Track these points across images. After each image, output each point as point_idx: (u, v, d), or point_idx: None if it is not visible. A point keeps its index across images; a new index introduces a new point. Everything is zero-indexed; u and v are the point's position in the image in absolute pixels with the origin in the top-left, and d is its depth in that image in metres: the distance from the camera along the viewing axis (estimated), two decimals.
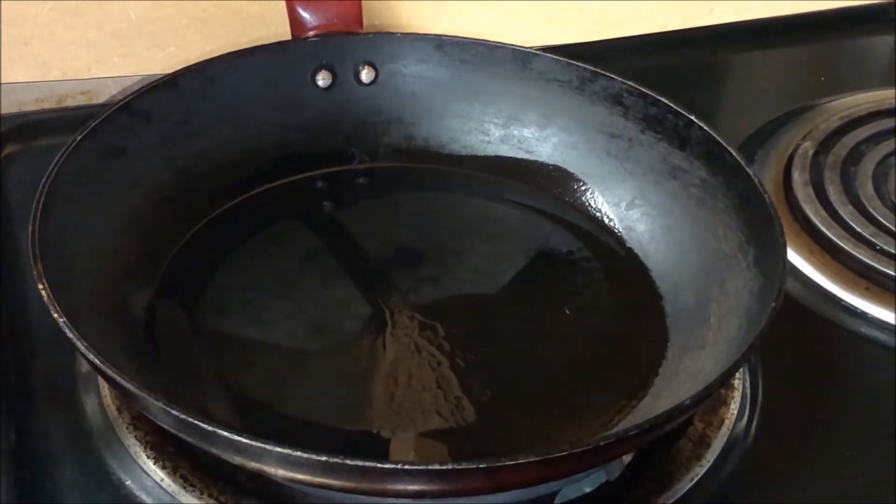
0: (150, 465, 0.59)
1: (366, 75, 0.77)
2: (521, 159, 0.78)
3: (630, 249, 0.73)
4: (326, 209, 0.77)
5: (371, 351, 0.65)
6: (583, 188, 0.76)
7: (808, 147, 0.84)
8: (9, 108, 0.82)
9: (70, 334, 0.54)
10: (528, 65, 0.77)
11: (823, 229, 0.77)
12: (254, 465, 0.53)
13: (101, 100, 0.84)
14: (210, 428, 0.50)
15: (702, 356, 0.63)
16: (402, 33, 0.79)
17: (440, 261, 0.72)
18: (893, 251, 0.75)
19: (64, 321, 0.54)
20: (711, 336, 0.63)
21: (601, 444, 0.53)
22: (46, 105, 0.84)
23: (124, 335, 0.62)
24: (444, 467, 0.51)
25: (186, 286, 0.68)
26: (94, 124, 0.66)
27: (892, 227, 0.77)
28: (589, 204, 0.75)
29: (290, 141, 0.76)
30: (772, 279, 0.61)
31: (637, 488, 0.60)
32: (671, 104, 0.72)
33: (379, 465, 0.50)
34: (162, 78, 0.71)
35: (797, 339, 0.71)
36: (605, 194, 0.75)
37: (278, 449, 0.49)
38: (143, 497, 0.58)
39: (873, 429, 0.66)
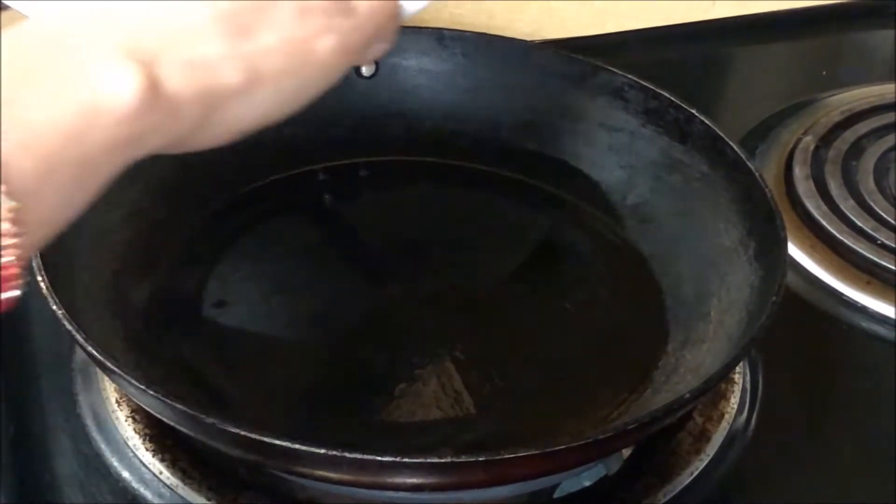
0: (149, 458, 0.59)
1: (366, 68, 0.77)
2: (522, 152, 0.78)
3: (631, 243, 0.73)
4: (327, 202, 0.76)
5: (371, 344, 0.65)
6: (583, 182, 0.76)
7: (809, 141, 0.84)
8: None
9: (69, 326, 0.54)
10: (529, 58, 0.77)
11: (824, 223, 0.77)
12: (253, 458, 0.53)
13: None
14: (209, 420, 0.50)
15: (702, 350, 0.63)
16: (402, 26, 0.78)
17: (440, 254, 0.72)
18: (894, 245, 0.75)
19: (63, 313, 0.54)
20: (712, 330, 0.63)
21: (600, 437, 0.53)
22: None
23: (123, 327, 0.61)
24: (443, 460, 0.51)
25: (186, 278, 0.68)
26: None
27: (893, 222, 0.77)
28: (590, 198, 0.75)
29: (290, 134, 0.75)
30: (772, 273, 0.61)
31: (636, 482, 0.60)
32: (672, 98, 0.72)
33: (378, 458, 0.50)
34: None
35: (798, 333, 0.71)
36: (606, 188, 0.75)
37: (277, 442, 0.49)
38: (142, 490, 0.58)
39: (874, 423, 0.66)
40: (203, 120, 0.45)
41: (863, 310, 0.72)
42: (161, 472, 0.58)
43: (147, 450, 0.59)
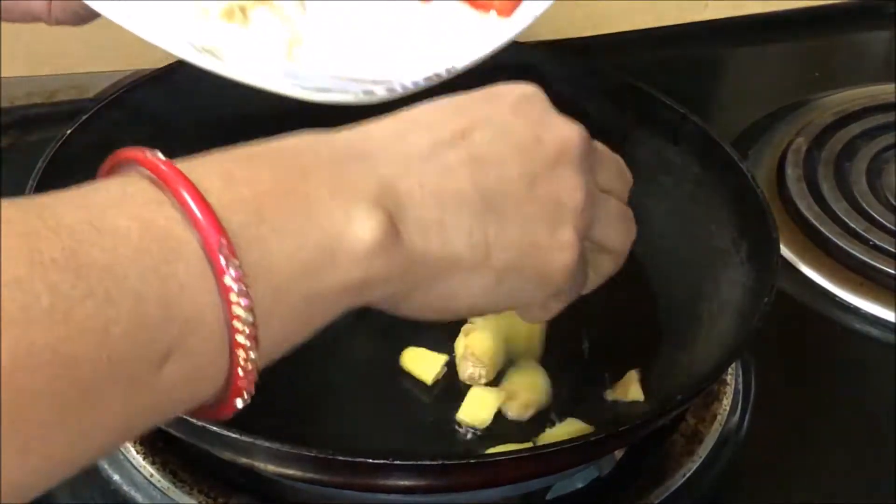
0: (140, 461, 0.59)
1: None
2: None
3: None
4: None
5: (362, 346, 0.65)
6: None
7: (801, 142, 0.84)
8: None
9: None
10: (522, 59, 0.77)
11: (817, 225, 0.77)
12: (244, 460, 0.52)
13: (92, 94, 0.84)
14: (199, 423, 0.50)
15: (694, 352, 0.62)
16: None
17: None
18: (887, 247, 0.75)
19: None
20: (704, 332, 0.63)
21: (592, 439, 0.53)
22: (38, 99, 0.83)
23: None
24: (434, 462, 0.51)
25: None
26: (84, 118, 0.66)
27: (887, 223, 0.77)
28: None
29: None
30: (765, 274, 0.61)
31: (629, 483, 0.60)
32: (665, 99, 0.72)
33: (369, 461, 0.49)
34: (154, 72, 0.71)
35: (790, 334, 0.71)
36: None
37: (268, 444, 0.49)
38: (133, 493, 0.58)
39: (866, 424, 0.66)
40: (420, 285, 0.43)
41: (855, 311, 0.73)
42: (152, 475, 0.58)
43: (138, 452, 0.59)
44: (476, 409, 0.61)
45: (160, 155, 0.37)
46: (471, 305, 0.46)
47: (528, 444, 0.58)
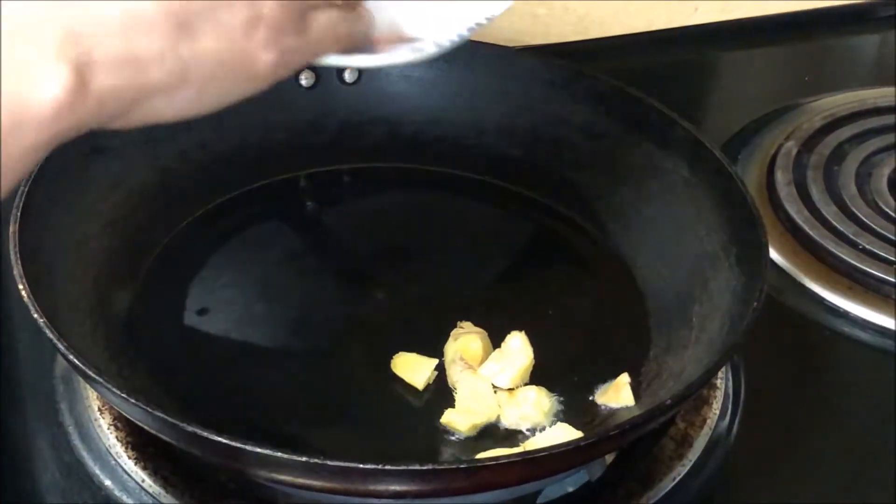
0: (131, 466, 0.59)
1: (349, 74, 0.77)
2: (505, 158, 0.78)
3: (613, 249, 0.73)
4: (310, 208, 0.76)
5: (353, 351, 0.65)
6: (566, 187, 0.76)
7: (791, 146, 0.84)
8: None
9: (50, 334, 0.54)
10: (512, 64, 0.77)
11: (806, 229, 0.77)
12: (234, 466, 0.52)
13: None
14: (190, 429, 0.50)
15: (684, 356, 0.63)
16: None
17: (423, 260, 0.72)
18: (876, 251, 0.75)
19: (44, 321, 0.54)
20: (694, 336, 0.63)
21: (581, 443, 0.53)
22: None
23: (105, 335, 0.61)
24: (424, 467, 0.51)
25: (168, 286, 0.68)
26: None
27: (876, 227, 0.77)
28: (572, 203, 0.75)
29: (273, 140, 0.76)
30: (754, 279, 0.61)
31: (619, 488, 0.60)
32: (654, 104, 0.72)
33: (360, 466, 0.50)
34: None
35: (780, 338, 0.71)
36: (589, 194, 0.75)
37: (259, 450, 0.49)
38: (124, 498, 0.58)
39: (855, 427, 0.66)
40: (122, 112, 0.44)
41: (845, 315, 0.73)
42: (143, 481, 0.58)
43: (129, 458, 0.59)
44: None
45: None
46: (179, 117, 0.47)
47: (519, 449, 0.58)
